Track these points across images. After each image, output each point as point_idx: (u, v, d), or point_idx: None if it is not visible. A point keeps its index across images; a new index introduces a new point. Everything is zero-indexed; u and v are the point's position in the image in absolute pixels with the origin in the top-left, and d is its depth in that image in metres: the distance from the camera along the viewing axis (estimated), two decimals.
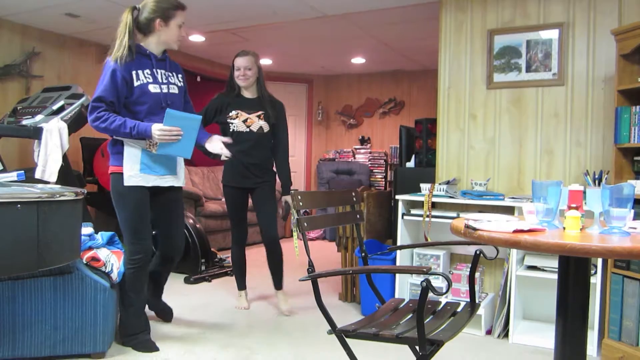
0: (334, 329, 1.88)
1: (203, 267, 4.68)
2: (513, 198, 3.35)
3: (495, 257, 2.00)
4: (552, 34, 3.49)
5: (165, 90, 2.80)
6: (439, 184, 3.60)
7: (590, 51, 3.40)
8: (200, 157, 8.09)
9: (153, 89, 2.75)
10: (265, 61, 7.37)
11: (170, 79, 2.85)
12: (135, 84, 2.71)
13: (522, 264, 3.30)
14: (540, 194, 1.60)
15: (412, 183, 3.87)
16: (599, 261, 3.00)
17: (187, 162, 6.65)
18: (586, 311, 1.60)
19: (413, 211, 3.61)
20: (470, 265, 3.50)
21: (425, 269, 1.59)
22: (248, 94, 3.61)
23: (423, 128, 4.28)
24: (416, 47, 6.08)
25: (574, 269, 1.57)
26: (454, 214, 3.45)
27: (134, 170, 2.73)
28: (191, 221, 4.89)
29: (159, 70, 2.81)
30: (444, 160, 3.85)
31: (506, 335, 3.25)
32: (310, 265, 2.01)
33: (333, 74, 8.22)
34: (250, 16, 4.89)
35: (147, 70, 2.75)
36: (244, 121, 3.54)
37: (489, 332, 3.33)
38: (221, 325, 3.38)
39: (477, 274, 3.36)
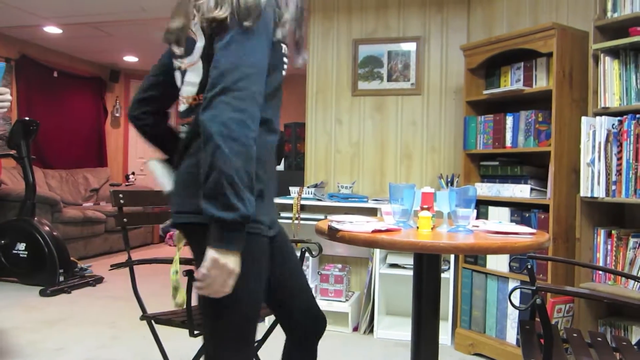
0: (144, 313, 2.01)
1: (62, 278, 4.36)
2: (376, 200, 3.54)
3: (319, 254, 2.13)
4: (411, 47, 3.74)
5: None
6: (308, 187, 3.69)
7: (444, 64, 3.70)
8: (60, 159, 7.50)
9: None
10: (131, 58, 7.06)
11: None
12: None
13: (385, 263, 3.49)
14: (397, 196, 1.71)
15: (282, 186, 3.92)
16: (452, 257, 3.26)
17: (42, 164, 6.16)
18: (438, 303, 1.73)
19: (283, 214, 3.66)
20: (339, 265, 3.62)
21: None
22: None
23: (292, 132, 4.36)
24: None
25: (426, 264, 1.70)
26: (321, 216, 3.56)
27: None
28: (47, 228, 4.53)
29: None
30: (312, 164, 3.96)
31: (371, 330, 3.41)
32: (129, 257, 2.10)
33: None
34: (114, 11, 4.65)
35: None
36: None
37: (355, 329, 3.48)
38: (83, 338, 3.17)
39: (343, 274, 3.51)
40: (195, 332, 1.80)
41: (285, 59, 1.37)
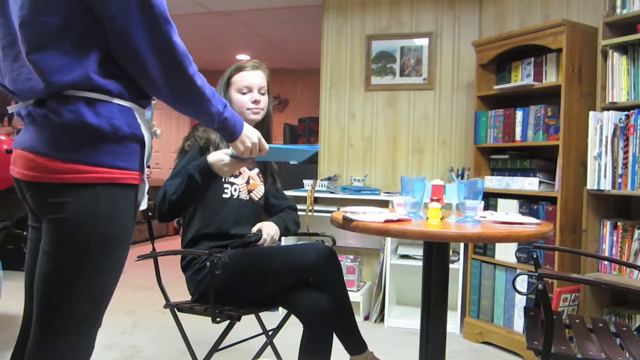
0: (167, 302, 2.11)
1: None
2: (388, 193, 3.62)
3: (332, 246, 2.23)
4: (423, 42, 3.81)
5: None
6: (321, 180, 3.78)
7: (455, 59, 3.76)
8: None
9: None
10: None
11: None
12: None
13: (396, 254, 3.58)
14: (408, 189, 1.79)
15: (296, 179, 4.01)
16: (461, 248, 3.34)
17: None
18: (446, 290, 1.82)
19: (297, 206, 3.75)
20: (351, 256, 3.71)
21: (207, 252, 1.86)
22: None
23: (306, 126, 4.45)
24: (300, 47, 6.25)
25: (435, 253, 1.78)
26: (334, 209, 3.64)
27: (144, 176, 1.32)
28: None
29: None
30: (325, 157, 4.05)
31: (382, 319, 3.50)
32: (153, 248, 2.20)
33: (217, 70, 8.13)
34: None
35: None
36: (247, 182, 2.21)
37: (366, 318, 3.57)
38: (103, 325, 3.28)
39: (355, 264, 3.60)
40: (218, 319, 1.89)
41: None
